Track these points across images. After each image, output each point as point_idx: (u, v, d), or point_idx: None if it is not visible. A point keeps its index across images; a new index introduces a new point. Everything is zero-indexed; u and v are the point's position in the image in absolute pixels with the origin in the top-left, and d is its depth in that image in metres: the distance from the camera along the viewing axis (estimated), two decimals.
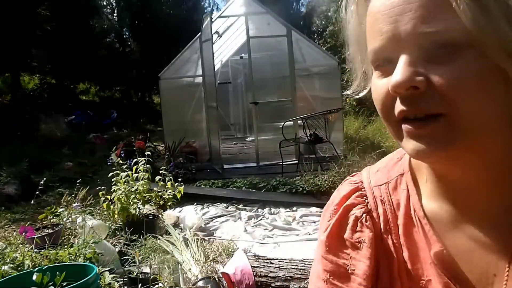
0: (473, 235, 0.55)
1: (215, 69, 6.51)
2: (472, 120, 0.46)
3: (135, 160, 3.71)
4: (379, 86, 0.51)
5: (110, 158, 4.13)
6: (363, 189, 0.65)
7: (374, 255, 0.59)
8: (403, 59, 0.47)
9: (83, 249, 2.38)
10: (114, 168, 3.67)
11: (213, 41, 6.18)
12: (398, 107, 0.49)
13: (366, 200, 0.64)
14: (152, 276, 2.41)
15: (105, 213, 3.66)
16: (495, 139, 0.50)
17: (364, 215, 0.62)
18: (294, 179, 5.08)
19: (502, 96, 0.47)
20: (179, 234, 3.14)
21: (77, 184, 3.76)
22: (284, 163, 5.79)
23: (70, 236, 3.12)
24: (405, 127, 0.49)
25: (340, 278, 0.61)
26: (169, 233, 3.25)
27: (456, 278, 0.55)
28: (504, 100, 0.47)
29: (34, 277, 1.63)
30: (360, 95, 0.61)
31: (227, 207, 4.59)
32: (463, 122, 0.46)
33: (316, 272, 0.63)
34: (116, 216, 3.52)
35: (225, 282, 2.39)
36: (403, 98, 0.48)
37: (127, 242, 3.10)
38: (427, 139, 0.48)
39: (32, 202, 3.92)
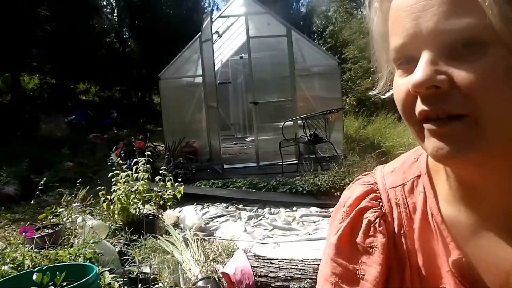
0: (493, 243, 0.53)
1: (215, 69, 6.51)
2: (498, 123, 0.44)
3: (135, 160, 3.71)
4: (400, 85, 0.49)
5: (110, 158, 4.12)
6: (377, 191, 0.62)
7: (385, 261, 0.57)
8: (424, 57, 0.45)
9: (83, 249, 2.38)
10: (114, 168, 3.67)
11: (213, 41, 6.17)
12: (419, 107, 0.47)
13: (381, 203, 0.61)
14: (152, 276, 2.41)
15: (105, 213, 3.66)
16: None
17: (377, 220, 0.60)
18: (294, 179, 5.08)
19: None
20: (179, 234, 3.14)
21: (77, 184, 3.76)
22: (284, 163, 5.79)
23: (70, 236, 3.12)
24: (427, 125, 0.47)
25: (349, 282, 0.59)
26: (169, 233, 3.25)
27: (474, 287, 0.53)
28: None
29: (34, 277, 1.63)
30: (387, 95, 0.59)
31: (227, 207, 4.60)
32: (488, 125, 0.44)
33: (324, 275, 0.62)
34: (116, 216, 3.52)
35: (225, 282, 2.39)
36: (424, 97, 0.46)
37: (127, 242, 3.10)
38: (450, 138, 0.45)
39: (32, 202, 3.93)
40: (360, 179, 0.66)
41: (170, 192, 3.74)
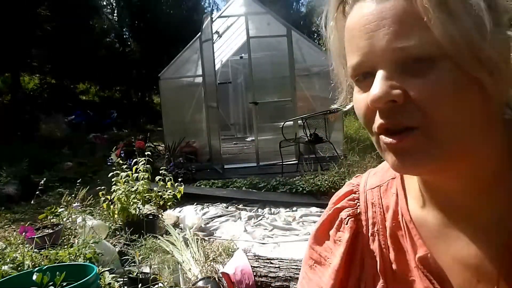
0: (458, 241, 0.57)
1: (215, 69, 6.51)
2: (450, 131, 0.47)
3: (135, 160, 3.71)
4: (360, 100, 0.52)
5: (110, 158, 4.13)
6: (357, 192, 0.70)
7: (347, 254, 0.65)
8: (380, 74, 0.48)
9: (83, 249, 2.38)
10: (114, 168, 3.67)
11: (213, 41, 6.17)
12: (378, 120, 0.50)
13: (358, 203, 0.68)
14: (152, 276, 2.41)
15: (105, 213, 3.66)
16: (478, 148, 0.50)
17: (348, 218, 0.67)
18: (294, 179, 5.08)
19: (479, 105, 0.47)
20: (179, 234, 3.13)
21: (77, 184, 3.76)
22: (284, 163, 5.79)
23: (70, 236, 3.12)
24: (383, 140, 0.50)
25: (321, 266, 0.69)
26: (169, 233, 3.25)
27: (439, 282, 0.57)
28: (482, 109, 0.48)
29: (34, 277, 1.63)
30: (347, 107, 0.62)
31: (227, 207, 4.59)
32: (441, 134, 0.47)
33: (305, 258, 0.72)
34: (116, 216, 3.52)
35: (225, 282, 2.39)
36: (382, 111, 0.49)
37: (127, 242, 3.10)
38: (406, 152, 0.49)
39: (32, 202, 3.93)
40: (350, 181, 0.74)
41: (170, 192, 3.74)
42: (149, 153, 3.85)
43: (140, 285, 2.25)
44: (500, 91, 0.48)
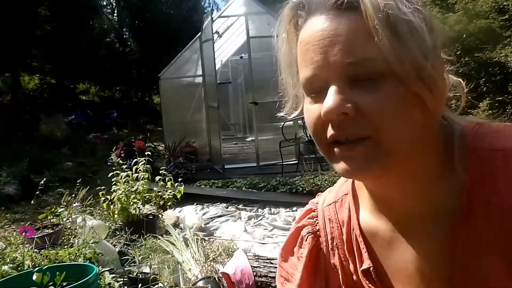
0: (404, 247, 0.61)
1: (216, 69, 6.51)
2: (394, 141, 0.51)
3: (135, 160, 3.71)
4: (312, 111, 0.56)
5: (110, 158, 4.12)
6: (316, 210, 0.75)
7: (307, 269, 0.71)
8: (333, 87, 0.51)
9: (83, 249, 2.37)
10: (114, 168, 3.67)
11: (214, 41, 6.17)
12: (330, 131, 0.53)
13: (316, 221, 0.74)
14: (152, 276, 2.41)
15: (105, 213, 3.66)
16: (417, 156, 0.55)
17: (307, 235, 0.73)
18: (294, 179, 5.08)
19: (420, 117, 0.53)
20: (179, 234, 3.13)
21: (77, 184, 3.76)
22: (284, 163, 5.79)
23: (70, 236, 3.12)
24: (336, 149, 0.54)
25: (289, 283, 0.74)
26: (169, 233, 3.25)
27: None
28: (422, 121, 0.53)
29: (34, 277, 1.62)
30: (292, 116, 0.67)
31: (227, 207, 4.59)
32: (386, 144, 0.51)
33: (277, 276, 0.78)
34: (116, 216, 3.52)
35: (225, 282, 2.39)
36: (334, 123, 0.52)
37: (127, 242, 3.10)
38: (355, 160, 0.53)
39: (32, 202, 3.91)
40: (312, 200, 0.80)
41: (170, 192, 3.74)
42: (149, 153, 3.85)
43: (140, 285, 2.25)
44: (438, 105, 0.54)
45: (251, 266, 2.45)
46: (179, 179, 4.00)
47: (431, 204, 0.58)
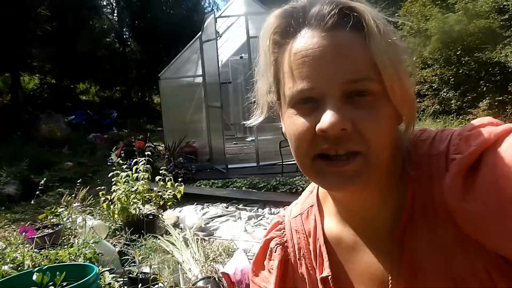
0: (368, 255, 0.63)
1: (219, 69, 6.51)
2: (379, 157, 0.54)
3: (135, 160, 3.71)
4: (299, 124, 0.56)
5: (110, 158, 4.12)
6: (283, 223, 0.77)
7: (279, 279, 0.72)
8: (332, 103, 0.53)
9: (83, 249, 2.37)
10: (114, 168, 3.67)
11: (217, 40, 6.18)
12: (321, 144, 0.54)
13: (284, 232, 0.75)
14: (152, 276, 2.41)
15: (105, 213, 3.66)
16: (385, 168, 0.58)
17: (276, 247, 0.74)
18: (294, 179, 5.08)
19: (395, 133, 0.57)
20: (179, 234, 3.13)
21: (77, 184, 3.76)
22: (284, 163, 5.79)
23: (70, 236, 3.12)
24: (322, 163, 0.55)
25: None
26: (169, 233, 3.25)
27: None
28: (395, 136, 0.57)
29: (34, 277, 1.63)
30: (255, 122, 0.69)
31: (227, 207, 4.59)
32: (374, 159, 0.54)
33: None
34: (116, 216, 3.52)
35: (225, 282, 2.39)
36: (329, 138, 0.53)
37: (127, 242, 3.10)
38: (344, 175, 0.54)
39: (32, 202, 3.92)
40: (280, 212, 0.83)
41: (170, 192, 3.74)
42: (149, 153, 3.85)
43: (140, 285, 2.25)
44: (412, 121, 0.59)
45: None
46: (179, 179, 4.00)
47: (388, 209, 0.61)
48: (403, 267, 0.59)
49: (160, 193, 3.75)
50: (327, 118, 0.52)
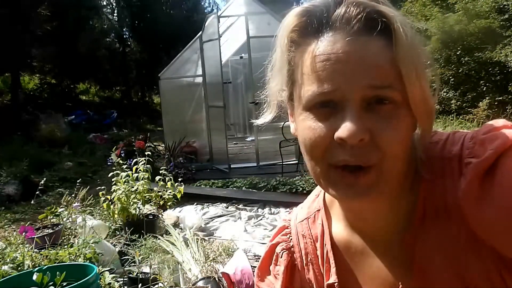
0: (375, 260, 0.63)
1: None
2: (393, 169, 0.53)
3: (135, 160, 3.71)
4: (316, 128, 0.54)
5: (110, 158, 4.12)
6: (289, 227, 0.76)
7: (284, 286, 0.71)
8: (353, 110, 0.51)
9: (83, 249, 2.37)
10: (114, 168, 3.67)
11: (220, 40, 6.18)
12: (341, 155, 0.52)
13: (290, 237, 0.74)
14: (152, 276, 2.41)
15: (105, 213, 3.66)
16: (399, 177, 0.56)
17: (282, 252, 0.73)
18: (294, 179, 5.08)
19: (411, 143, 0.55)
20: (179, 234, 3.13)
21: (77, 184, 3.76)
22: (284, 163, 5.79)
23: (70, 236, 3.12)
24: (339, 174, 0.54)
25: None
26: (169, 233, 3.25)
27: None
28: (411, 145, 0.56)
29: (34, 277, 1.62)
30: (266, 120, 0.67)
31: (227, 207, 4.59)
32: (387, 172, 0.53)
33: None
34: (116, 216, 3.52)
35: (225, 282, 2.39)
36: (347, 147, 0.51)
37: (127, 242, 3.10)
38: (359, 187, 0.53)
39: (32, 202, 3.92)
40: (285, 216, 0.80)
41: (170, 192, 3.74)
42: (149, 153, 3.85)
43: (140, 285, 2.25)
44: (430, 130, 0.57)
45: (251, 266, 2.45)
46: (179, 179, 4.00)
47: (400, 213, 0.60)
48: (414, 272, 0.58)
49: (160, 193, 3.75)
50: (347, 127, 0.50)
